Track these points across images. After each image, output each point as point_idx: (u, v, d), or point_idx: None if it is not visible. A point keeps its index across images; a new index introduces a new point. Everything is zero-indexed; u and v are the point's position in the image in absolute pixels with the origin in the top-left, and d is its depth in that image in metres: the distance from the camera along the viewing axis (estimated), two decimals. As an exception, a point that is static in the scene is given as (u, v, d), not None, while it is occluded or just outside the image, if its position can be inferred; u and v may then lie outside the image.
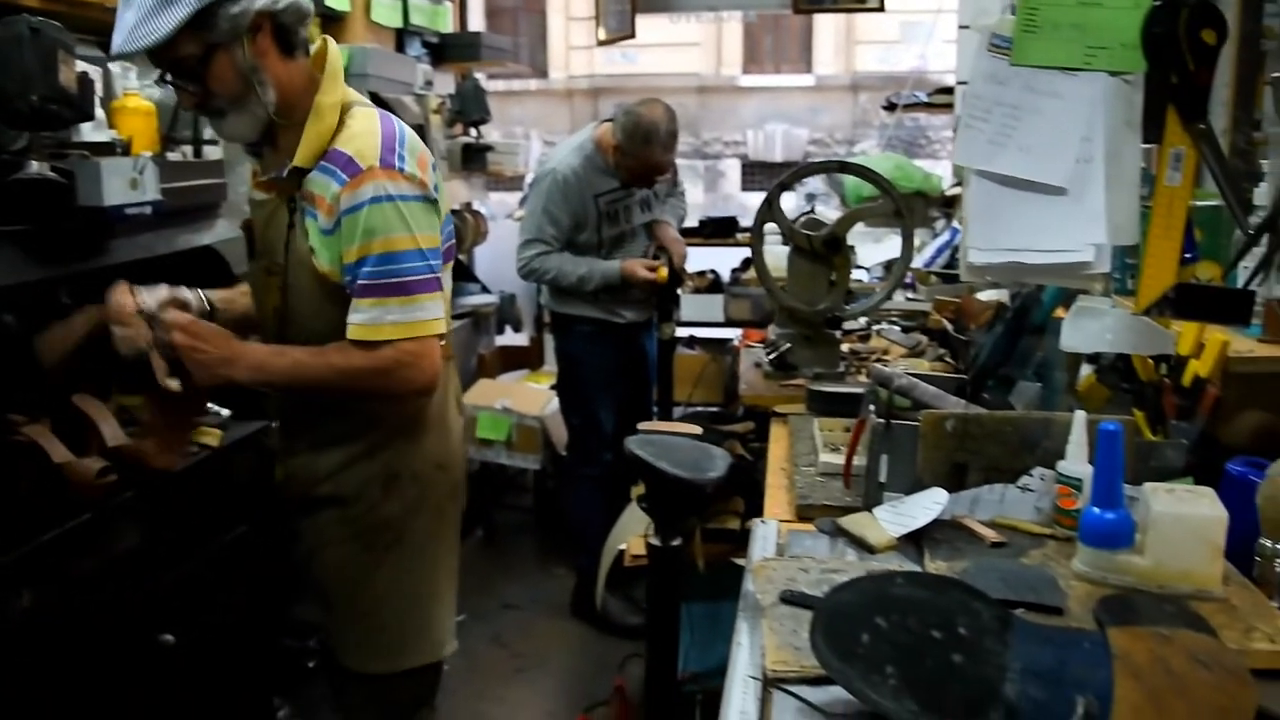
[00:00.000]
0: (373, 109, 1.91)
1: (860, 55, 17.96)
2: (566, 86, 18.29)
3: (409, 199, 1.81)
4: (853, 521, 1.67)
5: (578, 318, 3.88)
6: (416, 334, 1.82)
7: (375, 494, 1.99)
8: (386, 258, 1.79)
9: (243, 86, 1.79)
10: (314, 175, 1.84)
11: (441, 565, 2.12)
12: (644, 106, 3.60)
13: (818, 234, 2.60)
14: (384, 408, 1.98)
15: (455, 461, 2.13)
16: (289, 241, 1.88)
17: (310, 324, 1.90)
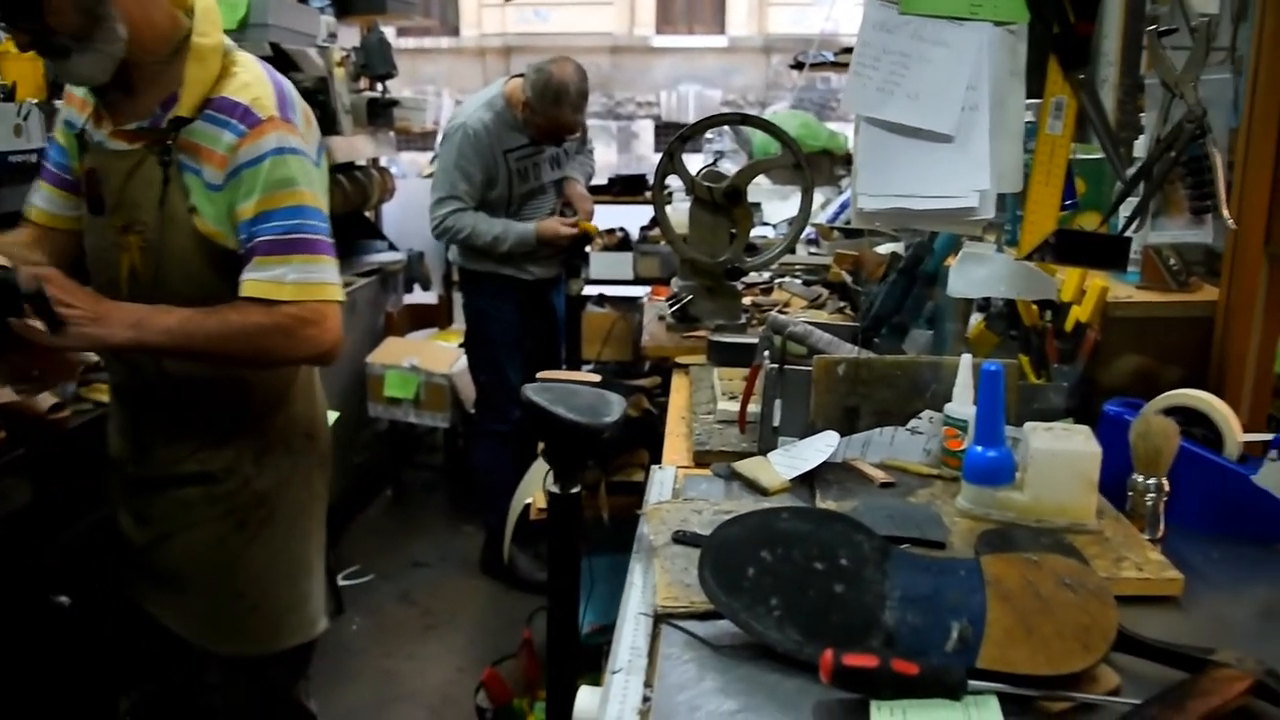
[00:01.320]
0: (252, 57, 1.78)
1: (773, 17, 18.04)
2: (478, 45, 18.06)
3: (306, 155, 1.72)
4: (747, 465, 1.70)
5: (486, 274, 3.86)
6: (320, 296, 1.71)
7: (247, 468, 1.88)
8: (293, 211, 1.68)
9: (87, 20, 1.61)
10: (197, 125, 1.69)
11: (313, 539, 2.03)
12: (555, 65, 3.58)
13: (719, 186, 2.62)
14: (254, 376, 1.86)
15: (322, 430, 2.05)
16: (163, 198, 1.71)
17: (178, 288, 1.74)
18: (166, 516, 1.90)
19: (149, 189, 1.72)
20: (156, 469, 1.89)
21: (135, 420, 1.92)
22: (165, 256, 1.74)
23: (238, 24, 3.50)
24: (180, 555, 1.91)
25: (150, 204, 1.72)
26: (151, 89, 1.72)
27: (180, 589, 1.93)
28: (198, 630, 1.96)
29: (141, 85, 1.73)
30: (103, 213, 1.79)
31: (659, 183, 2.67)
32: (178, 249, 1.73)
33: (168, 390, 1.86)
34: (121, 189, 1.75)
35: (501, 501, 3.95)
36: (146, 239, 1.74)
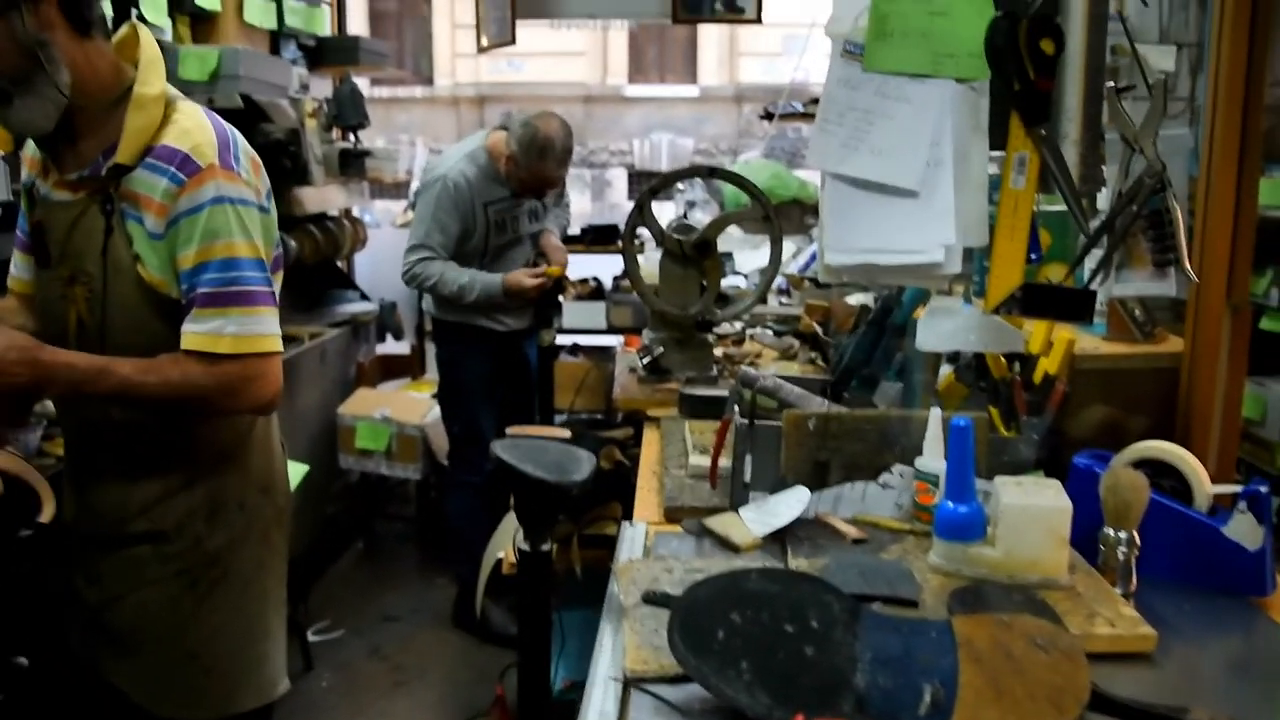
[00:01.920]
0: (198, 106, 1.76)
1: (744, 67, 18.24)
2: (452, 94, 18.16)
3: (248, 204, 1.70)
4: (718, 522, 1.69)
5: (459, 325, 3.84)
6: (258, 349, 1.70)
7: (199, 527, 1.83)
8: (229, 264, 1.66)
9: (27, 62, 1.58)
10: (138, 174, 1.67)
11: (271, 598, 1.97)
12: (540, 120, 3.59)
13: (688, 238, 2.63)
14: (205, 430, 1.82)
15: (280, 485, 2.00)
16: (105, 248, 1.68)
17: (126, 339, 1.71)
18: (117, 576, 1.85)
19: (92, 238, 1.70)
20: (106, 526, 1.84)
21: (86, 478, 1.88)
22: (111, 307, 1.72)
23: (208, 76, 3.50)
24: (131, 616, 1.85)
25: (94, 253, 1.70)
26: (94, 137, 1.70)
27: (132, 651, 1.87)
28: (151, 693, 1.89)
29: (84, 134, 1.71)
30: (49, 265, 1.77)
31: (629, 235, 2.68)
32: (123, 299, 1.71)
33: (116, 444, 1.82)
34: (66, 239, 1.73)
35: (474, 553, 3.91)
36: (91, 289, 1.72)
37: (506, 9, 5.13)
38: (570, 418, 4.51)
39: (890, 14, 1.62)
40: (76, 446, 1.91)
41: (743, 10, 5.44)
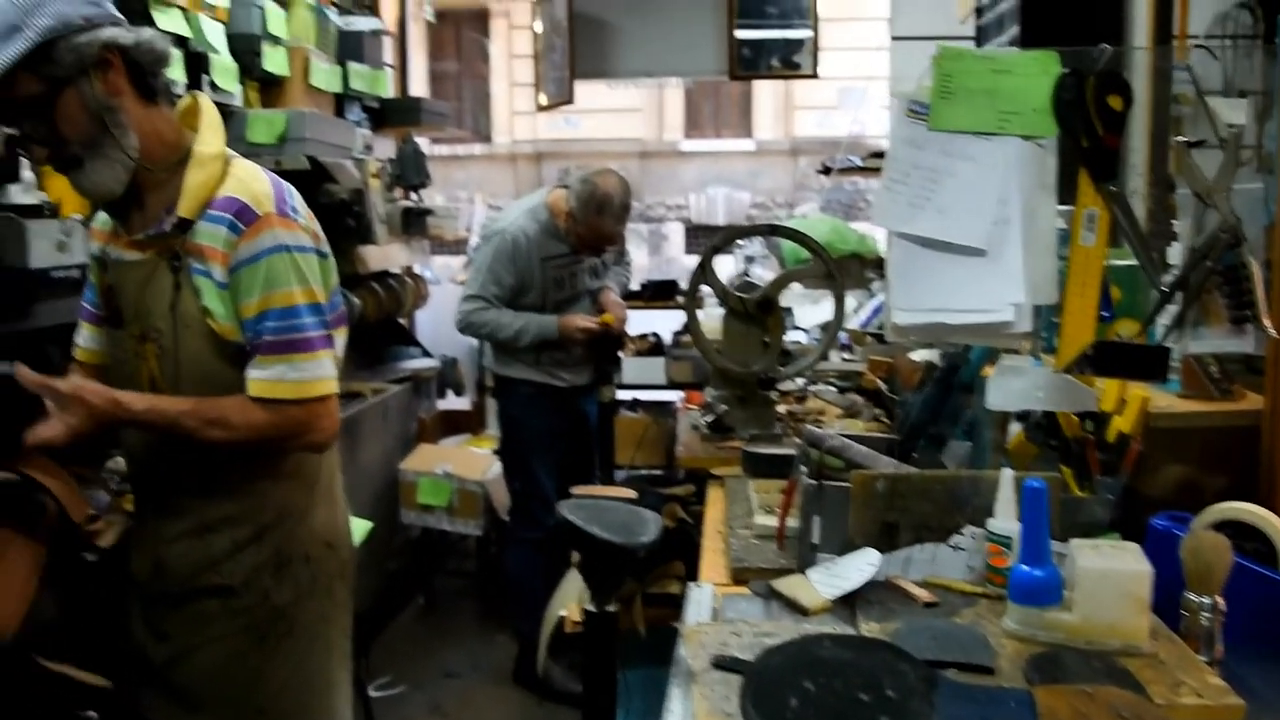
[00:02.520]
0: (252, 163, 1.83)
1: (799, 120, 18.29)
2: (510, 151, 18.40)
3: (306, 250, 1.76)
4: (786, 584, 1.67)
5: (519, 380, 3.87)
6: (317, 392, 1.76)
7: (266, 581, 1.86)
8: (288, 312, 1.72)
9: (96, 128, 1.67)
10: (200, 226, 1.73)
11: (335, 652, 1.99)
12: (600, 177, 3.63)
13: (751, 296, 2.63)
14: (272, 486, 1.87)
15: (343, 539, 2.02)
16: (174, 303, 1.75)
17: (198, 390, 1.76)
18: (185, 632, 1.87)
19: (161, 295, 1.76)
20: (175, 583, 1.87)
21: (156, 533, 1.90)
22: (182, 361, 1.77)
23: (276, 139, 3.58)
24: (199, 672, 1.87)
25: (163, 310, 1.76)
26: (158, 198, 1.77)
27: (200, 707, 1.88)
28: None
29: (150, 196, 1.77)
30: (121, 325, 1.83)
31: (692, 292, 2.68)
32: (192, 351, 1.76)
33: (187, 501, 1.86)
34: (136, 298, 1.79)
35: (534, 610, 3.90)
36: (162, 345, 1.77)
37: (565, 69, 5.23)
38: (630, 473, 4.49)
39: (954, 73, 1.62)
40: (146, 503, 1.94)
41: (799, 66, 5.49)
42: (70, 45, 1.62)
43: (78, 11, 1.63)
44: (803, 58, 5.43)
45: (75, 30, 1.62)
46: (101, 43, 1.64)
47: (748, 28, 5.28)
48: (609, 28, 5.38)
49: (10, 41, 1.57)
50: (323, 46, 4.19)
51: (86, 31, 1.63)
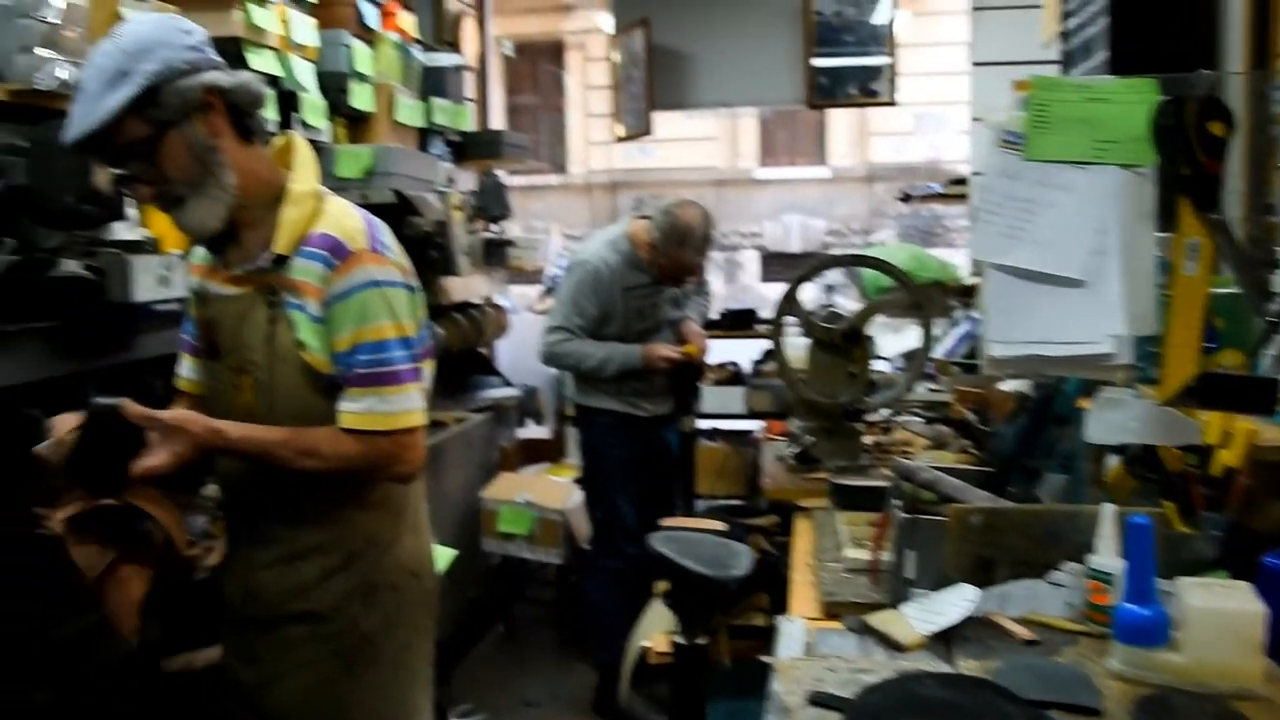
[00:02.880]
0: (344, 200, 1.88)
1: (875, 146, 18.17)
2: (585, 181, 18.56)
3: (396, 285, 1.80)
4: (880, 619, 1.64)
5: (600, 410, 3.89)
6: (406, 424, 1.79)
7: (354, 608, 1.89)
8: (379, 346, 1.76)
9: (199, 168, 1.73)
10: (296, 262, 1.78)
11: (419, 679, 2.01)
12: (681, 208, 3.65)
13: (837, 326, 2.61)
14: (360, 515, 1.90)
15: (428, 568, 2.04)
16: (270, 336, 1.80)
17: (292, 422, 1.81)
18: (274, 657, 1.91)
19: (257, 329, 1.81)
20: (266, 609, 1.91)
21: (248, 559, 1.95)
22: (277, 392, 1.81)
23: (363, 173, 3.66)
24: (287, 697, 1.90)
25: (259, 343, 1.81)
26: (255, 234, 1.82)
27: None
28: None
29: (247, 233, 1.83)
30: (218, 357, 1.89)
31: (777, 323, 2.68)
32: (287, 383, 1.81)
33: (281, 529, 1.90)
34: (234, 332, 1.84)
35: (614, 640, 3.89)
36: (258, 378, 1.82)
37: (643, 100, 5.26)
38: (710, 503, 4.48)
39: (1049, 102, 1.61)
40: (239, 530, 1.98)
41: (877, 93, 5.46)
42: (175, 89, 1.68)
43: (181, 57, 1.69)
44: (881, 85, 5.40)
45: (179, 74, 1.68)
46: (204, 86, 1.70)
47: (825, 56, 5.27)
48: (686, 58, 5.41)
49: (119, 87, 1.63)
50: (407, 83, 4.27)
51: (190, 76, 1.69)
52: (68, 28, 2.48)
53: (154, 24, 1.73)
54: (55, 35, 2.45)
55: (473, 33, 5.31)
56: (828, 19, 5.21)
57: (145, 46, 1.66)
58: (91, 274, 2.08)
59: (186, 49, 1.70)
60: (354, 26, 3.84)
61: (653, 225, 3.67)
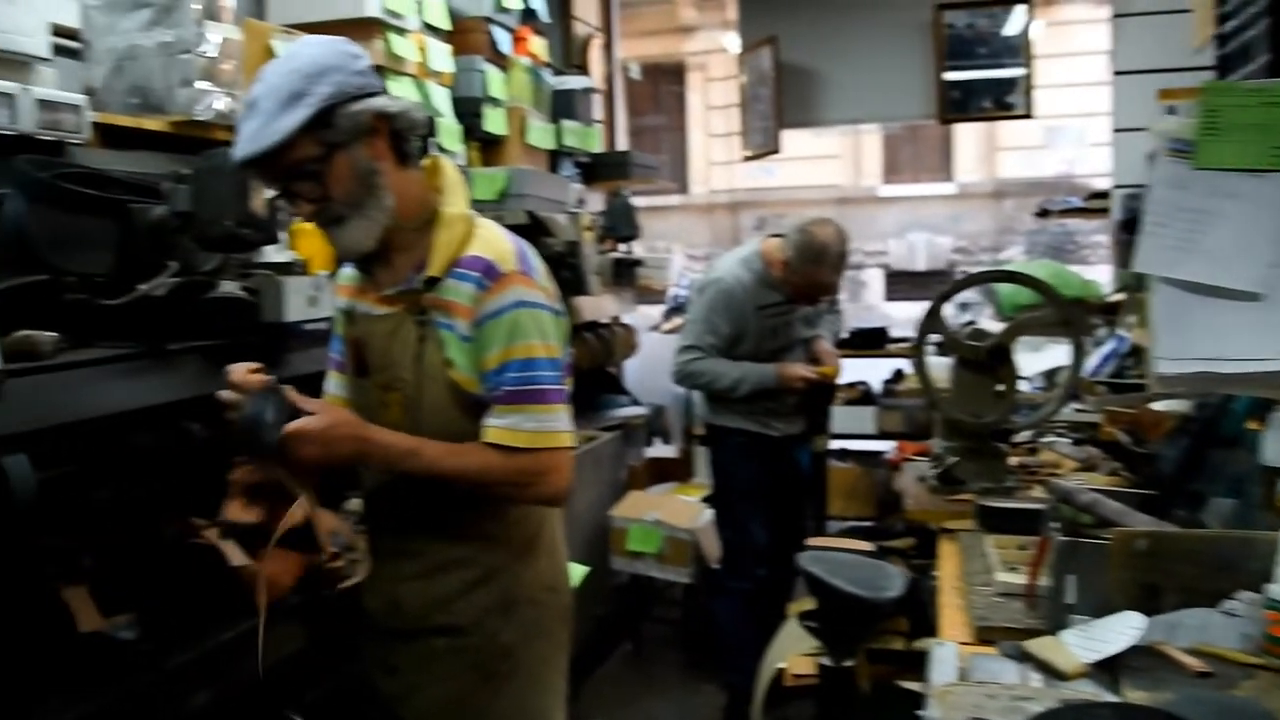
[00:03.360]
0: (494, 223, 1.91)
1: (1003, 161, 17.78)
2: (707, 201, 18.59)
3: (544, 308, 1.82)
4: (1039, 645, 1.59)
5: (731, 430, 3.87)
6: (552, 444, 1.79)
7: (494, 621, 1.91)
8: (527, 364, 1.77)
9: (361, 190, 1.77)
10: (447, 283, 1.81)
11: (555, 692, 2.02)
12: (816, 226, 3.62)
13: (982, 344, 2.55)
14: (500, 530, 1.92)
15: (564, 584, 2.06)
16: (419, 355, 1.83)
17: (437, 437, 1.83)
18: (415, 668, 1.94)
19: (407, 347, 1.84)
20: (407, 620, 1.94)
21: (390, 573, 1.98)
22: (424, 409, 1.84)
23: (497, 195, 3.73)
24: (426, 707, 1.93)
25: (408, 361, 1.84)
26: (406, 256, 1.85)
27: None
28: None
29: (398, 254, 1.86)
30: (367, 375, 1.93)
31: (921, 341, 2.62)
32: (434, 401, 1.83)
33: (420, 542, 1.93)
34: (383, 350, 1.88)
35: (743, 661, 3.86)
36: (406, 395, 1.85)
37: (771, 119, 5.24)
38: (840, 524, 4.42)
39: (1221, 108, 1.53)
40: (382, 543, 2.00)
41: (1012, 106, 5.35)
42: (346, 113, 1.72)
43: (353, 81, 1.73)
44: (1016, 97, 5.28)
45: (350, 98, 1.72)
46: (374, 111, 1.74)
47: (957, 69, 5.18)
48: (814, 76, 5.37)
49: (295, 108, 1.67)
50: (538, 106, 4.35)
51: (360, 100, 1.73)
52: (224, 61, 2.59)
53: (326, 47, 1.76)
54: (213, 69, 2.57)
55: (600, 55, 5.38)
56: (960, 31, 5.12)
57: (320, 69, 1.71)
58: (247, 294, 2.15)
59: (356, 73, 1.75)
60: (487, 52, 3.92)
61: (786, 243, 3.64)
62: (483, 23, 3.89)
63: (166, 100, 2.55)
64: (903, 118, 5.98)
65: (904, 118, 5.93)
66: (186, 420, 2.09)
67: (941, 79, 5.12)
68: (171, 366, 2.07)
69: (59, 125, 2.19)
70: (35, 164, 2.05)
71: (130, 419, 1.96)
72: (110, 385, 1.93)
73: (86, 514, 1.99)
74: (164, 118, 2.53)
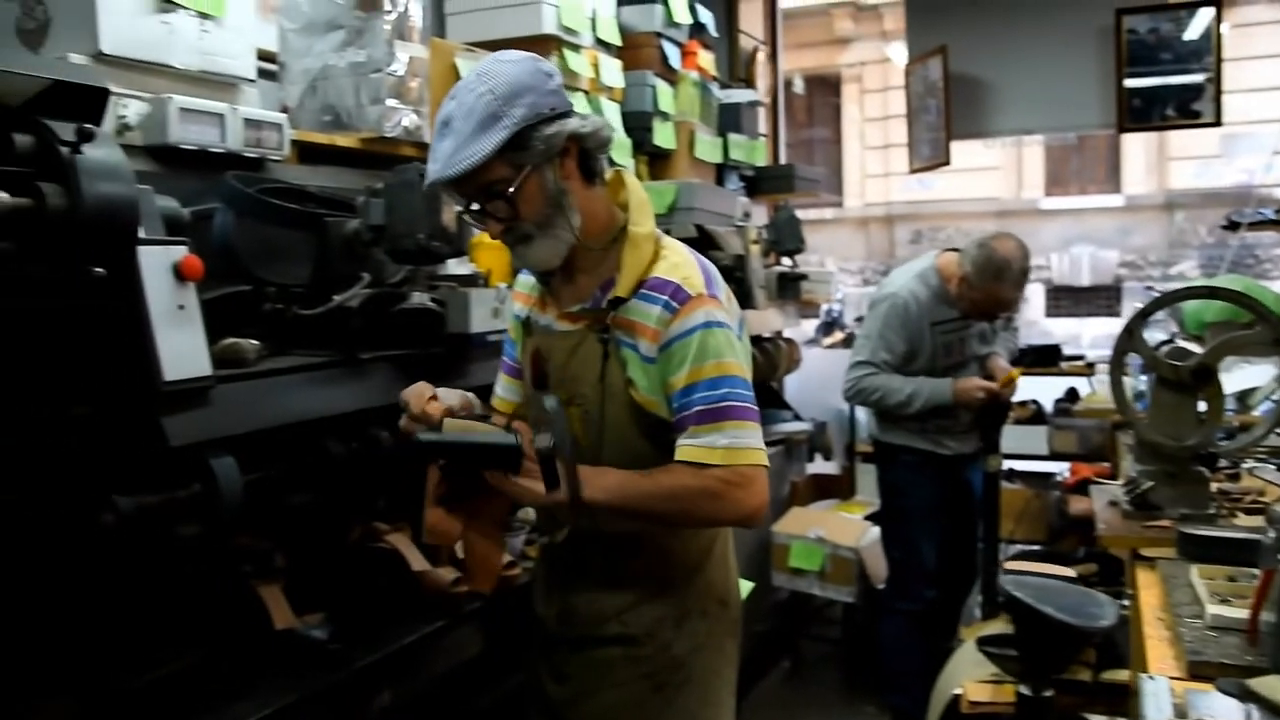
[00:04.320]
0: (679, 242, 1.89)
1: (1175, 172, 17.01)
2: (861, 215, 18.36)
3: (729, 328, 1.79)
4: (1266, 685, 1.48)
5: (901, 447, 3.79)
6: (747, 460, 1.74)
7: (667, 633, 1.91)
8: (718, 382, 1.73)
9: (551, 210, 1.77)
10: (633, 304, 1.79)
11: (724, 706, 2.01)
12: (997, 241, 3.53)
13: (1185, 364, 2.42)
14: (675, 544, 1.91)
15: (734, 598, 2.05)
16: (602, 373, 1.83)
17: (615, 456, 1.83)
18: (586, 675, 1.95)
19: (589, 365, 1.84)
20: (580, 629, 1.95)
21: (565, 582, 2.00)
22: (605, 427, 1.84)
23: (667, 209, 3.74)
24: (598, 714, 1.94)
25: (591, 378, 1.84)
26: (591, 274, 1.86)
27: None
28: None
29: (582, 271, 1.87)
30: (546, 388, 1.92)
31: (1118, 360, 2.51)
32: (615, 419, 1.83)
33: (598, 554, 1.93)
34: (564, 365, 1.88)
35: (909, 684, 3.78)
36: (587, 411, 1.85)
37: (941, 130, 5.13)
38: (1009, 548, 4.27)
39: None
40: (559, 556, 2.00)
41: (1199, 114, 5.09)
42: (539, 135, 1.72)
43: (547, 102, 1.74)
44: (1203, 104, 5.03)
45: (544, 120, 1.73)
46: (567, 133, 1.75)
47: (1138, 76, 4.96)
48: (985, 85, 5.23)
49: (491, 131, 1.69)
50: (705, 120, 4.35)
51: (553, 122, 1.74)
52: (410, 79, 2.68)
53: (521, 66, 1.76)
54: (401, 87, 2.65)
55: (765, 69, 5.36)
56: (1142, 37, 4.91)
57: (515, 91, 1.71)
58: (438, 306, 2.21)
59: (550, 93, 1.75)
60: (657, 67, 3.95)
61: (965, 258, 3.55)
62: (653, 38, 3.92)
63: (357, 118, 2.64)
64: (1078, 128, 5.75)
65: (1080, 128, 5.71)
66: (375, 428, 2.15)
67: (1121, 86, 4.91)
68: (362, 375, 2.13)
69: (262, 143, 2.30)
70: (242, 180, 2.15)
71: (324, 425, 2.03)
72: (307, 392, 2.00)
73: (282, 516, 2.06)
74: (354, 134, 2.63)
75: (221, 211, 2.12)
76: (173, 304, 1.68)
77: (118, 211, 1.57)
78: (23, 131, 1.54)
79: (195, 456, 1.72)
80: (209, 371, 1.73)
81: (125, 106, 2.07)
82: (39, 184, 1.50)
